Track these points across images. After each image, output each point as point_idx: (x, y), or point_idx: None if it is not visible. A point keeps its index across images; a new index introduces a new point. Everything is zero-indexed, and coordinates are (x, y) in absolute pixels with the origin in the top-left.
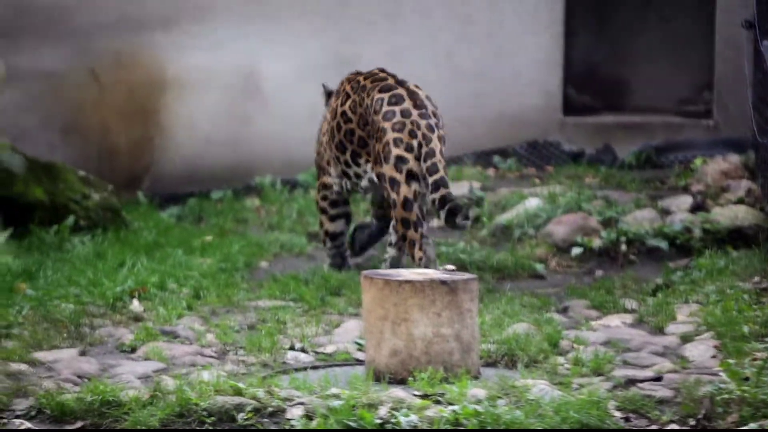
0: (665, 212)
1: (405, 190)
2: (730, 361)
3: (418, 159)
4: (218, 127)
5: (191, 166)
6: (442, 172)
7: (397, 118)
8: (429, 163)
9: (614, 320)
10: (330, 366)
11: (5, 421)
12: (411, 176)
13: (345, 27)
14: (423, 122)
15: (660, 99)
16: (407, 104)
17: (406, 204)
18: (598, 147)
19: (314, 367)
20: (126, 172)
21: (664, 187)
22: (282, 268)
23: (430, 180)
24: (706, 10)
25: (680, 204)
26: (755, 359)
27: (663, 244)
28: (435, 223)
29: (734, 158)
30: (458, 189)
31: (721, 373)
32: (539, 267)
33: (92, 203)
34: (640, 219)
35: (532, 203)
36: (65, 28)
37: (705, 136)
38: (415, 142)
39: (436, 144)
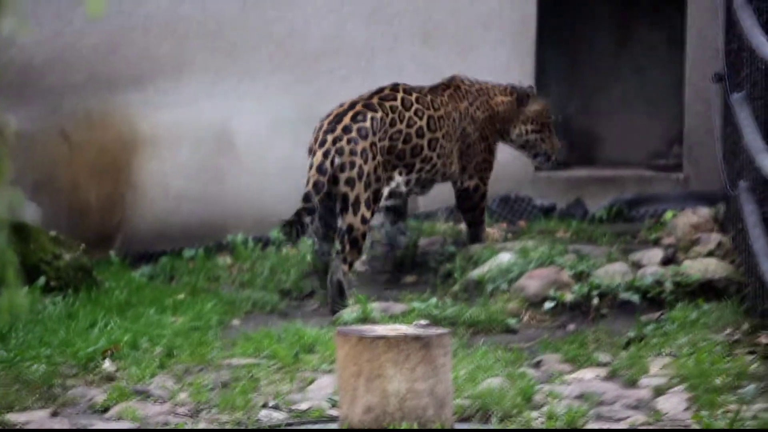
0: (637, 266)
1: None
2: (703, 413)
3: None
4: (190, 184)
5: (163, 224)
6: (308, 186)
7: (316, 134)
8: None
9: (587, 374)
10: (304, 423)
11: None
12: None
13: (317, 83)
14: (320, 137)
15: (631, 152)
16: (326, 120)
17: None
18: (570, 201)
19: (288, 425)
20: (97, 231)
21: (636, 241)
22: (254, 325)
23: None
24: (676, 63)
25: (651, 257)
26: (728, 411)
27: (635, 298)
28: (408, 279)
29: (704, 211)
30: (431, 244)
31: (694, 425)
32: (512, 321)
33: (63, 263)
34: (612, 273)
35: (505, 258)
36: (36, 88)
37: (675, 190)
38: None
39: (316, 159)
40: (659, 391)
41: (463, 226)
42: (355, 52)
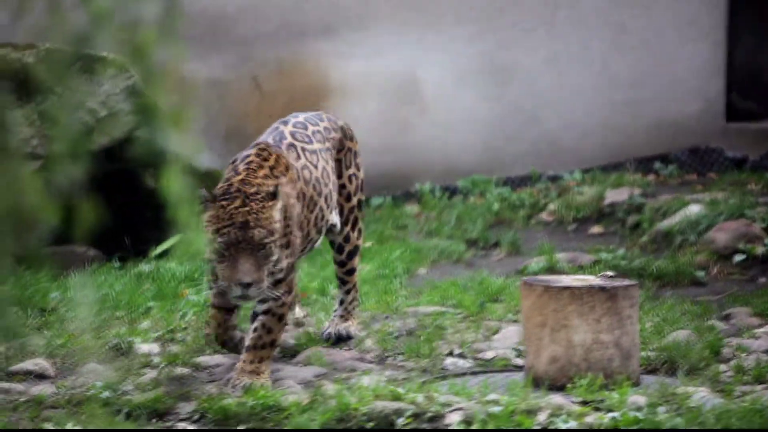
0: None
1: None
2: None
3: None
4: (378, 133)
5: None
6: None
7: None
8: None
9: None
10: (489, 372)
11: (170, 424)
12: None
13: (501, 34)
14: None
15: None
16: None
17: None
18: (762, 153)
19: (473, 373)
20: None
21: None
22: (440, 274)
23: None
24: None
25: None
26: None
27: None
28: (596, 229)
29: None
30: (619, 195)
31: None
32: (700, 274)
33: None
34: None
35: (694, 210)
36: (228, 37)
37: None
38: None
39: None
40: None
41: None
42: (538, 5)
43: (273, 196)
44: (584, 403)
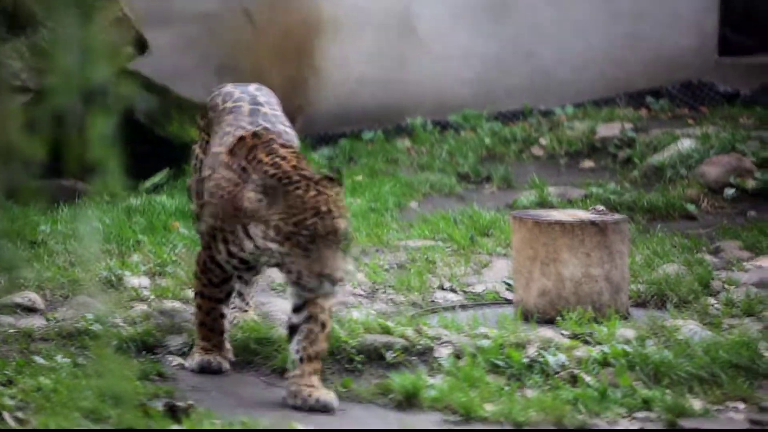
0: None
1: None
2: None
3: None
4: (371, 67)
5: (344, 106)
6: None
7: None
8: None
9: (767, 261)
10: (479, 305)
11: (159, 356)
12: None
13: None
14: None
15: None
16: None
17: None
18: (755, 88)
19: (463, 307)
20: None
21: None
22: (431, 208)
23: None
24: None
25: None
26: None
27: None
28: (587, 164)
29: None
30: (610, 130)
31: None
32: (691, 208)
33: None
34: None
35: (685, 144)
36: None
37: None
38: None
39: None
40: None
41: None
42: None
43: (338, 181)
44: (573, 336)
